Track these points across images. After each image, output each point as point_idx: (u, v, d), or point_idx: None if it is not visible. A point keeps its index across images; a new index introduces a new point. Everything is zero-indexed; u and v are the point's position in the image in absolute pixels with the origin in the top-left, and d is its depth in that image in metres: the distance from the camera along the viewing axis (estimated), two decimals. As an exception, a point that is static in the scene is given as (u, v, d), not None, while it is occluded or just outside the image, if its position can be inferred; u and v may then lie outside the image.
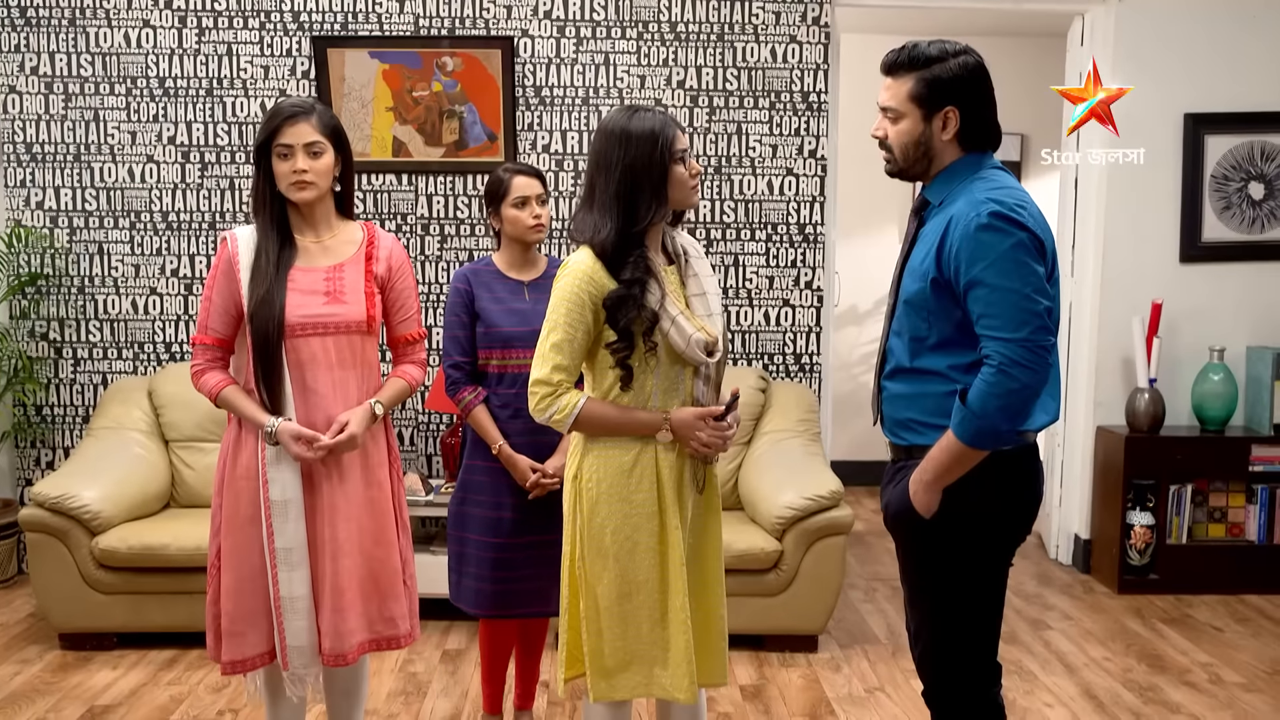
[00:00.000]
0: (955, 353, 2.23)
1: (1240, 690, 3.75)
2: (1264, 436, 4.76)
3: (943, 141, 2.29)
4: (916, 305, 2.26)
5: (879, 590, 4.84)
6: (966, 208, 2.19)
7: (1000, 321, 2.11)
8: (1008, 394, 2.10)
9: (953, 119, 2.26)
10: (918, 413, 2.28)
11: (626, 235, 2.37)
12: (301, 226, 2.63)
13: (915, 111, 2.27)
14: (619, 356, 2.38)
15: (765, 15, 4.75)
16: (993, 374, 2.11)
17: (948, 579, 2.30)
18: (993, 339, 2.12)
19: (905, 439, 2.32)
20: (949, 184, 2.30)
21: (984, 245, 2.13)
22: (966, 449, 2.17)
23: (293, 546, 2.54)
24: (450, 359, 3.07)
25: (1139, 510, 4.73)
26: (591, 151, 2.43)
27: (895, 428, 2.35)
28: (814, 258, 4.87)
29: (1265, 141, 4.86)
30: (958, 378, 2.22)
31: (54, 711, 3.53)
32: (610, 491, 2.40)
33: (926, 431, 2.26)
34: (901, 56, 2.28)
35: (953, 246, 2.17)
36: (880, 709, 3.60)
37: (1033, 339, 2.11)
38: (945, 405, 2.21)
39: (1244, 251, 4.93)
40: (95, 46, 4.67)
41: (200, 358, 2.61)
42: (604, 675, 2.44)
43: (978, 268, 2.13)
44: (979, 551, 2.28)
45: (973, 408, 2.13)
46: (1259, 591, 4.74)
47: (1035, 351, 2.11)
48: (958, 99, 2.26)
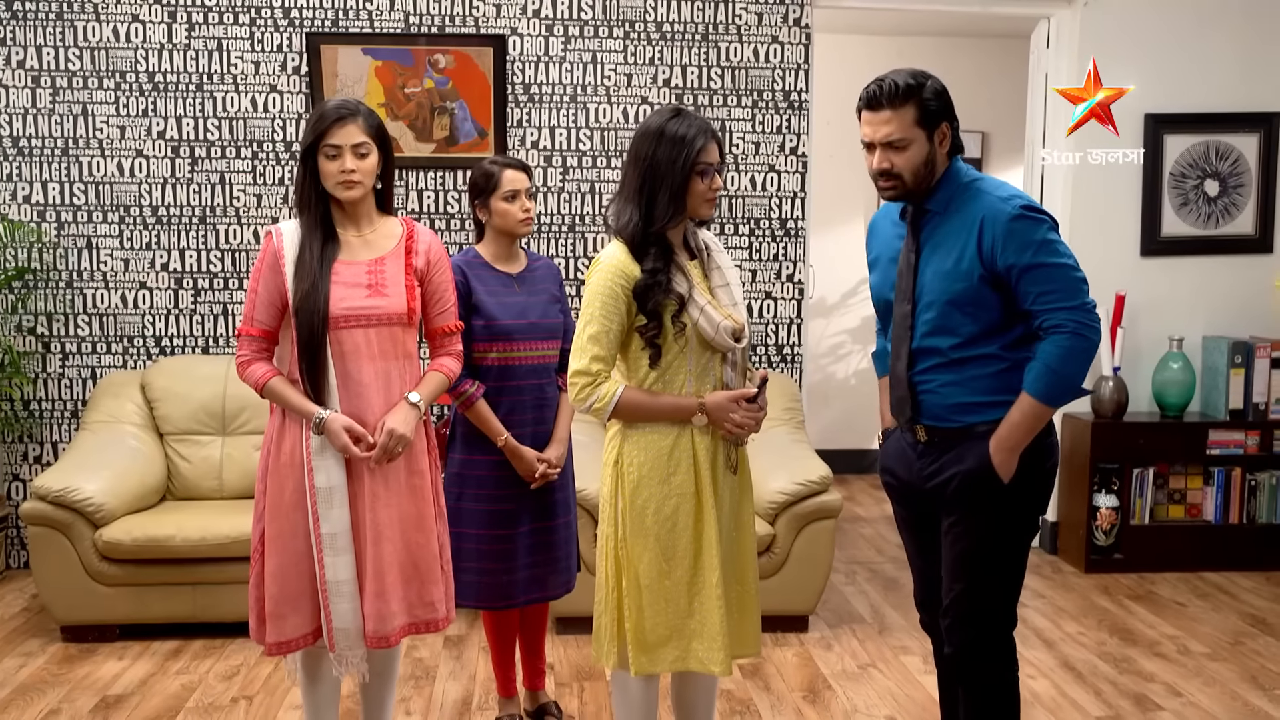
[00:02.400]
0: (1002, 335, 2.49)
1: (1206, 660, 3.98)
2: (1220, 421, 5.02)
3: (942, 156, 2.52)
4: (963, 302, 2.47)
5: (858, 573, 5.02)
6: (995, 208, 2.43)
7: (1061, 294, 2.40)
8: (1082, 352, 2.39)
9: (947, 134, 2.53)
10: (971, 394, 2.51)
11: (649, 230, 2.51)
12: (344, 222, 2.71)
13: (921, 134, 2.48)
14: (649, 336, 2.51)
15: (748, 16, 4.89)
16: (1068, 338, 2.38)
17: (1011, 537, 2.56)
18: (1059, 309, 2.40)
19: (960, 420, 2.53)
20: (945, 192, 2.52)
21: (1025, 234, 2.40)
22: (1044, 409, 2.44)
23: (338, 532, 2.63)
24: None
25: (1104, 493, 4.96)
26: (630, 144, 2.57)
27: (946, 413, 2.54)
28: (794, 251, 5.03)
29: (1220, 141, 5.12)
30: (1008, 355, 2.49)
31: (67, 702, 3.57)
32: (651, 474, 2.53)
33: (984, 410, 2.50)
34: (891, 89, 2.46)
35: (995, 242, 2.41)
36: (874, 684, 3.76)
37: (1087, 302, 2.42)
38: (995, 384, 2.48)
39: (1200, 246, 5.18)
40: (83, 40, 4.67)
41: (246, 349, 2.68)
42: (645, 650, 2.57)
43: (1028, 254, 2.39)
44: (1034, 509, 2.57)
45: (1057, 370, 2.40)
46: (1216, 569, 4.99)
47: (1093, 314, 2.42)
48: (948, 115, 2.52)
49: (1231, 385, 5.01)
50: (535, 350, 3.10)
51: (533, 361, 3.11)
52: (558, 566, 3.19)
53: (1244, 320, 5.17)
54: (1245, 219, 5.19)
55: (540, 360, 3.11)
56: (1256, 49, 5.08)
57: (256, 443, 4.47)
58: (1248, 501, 5.04)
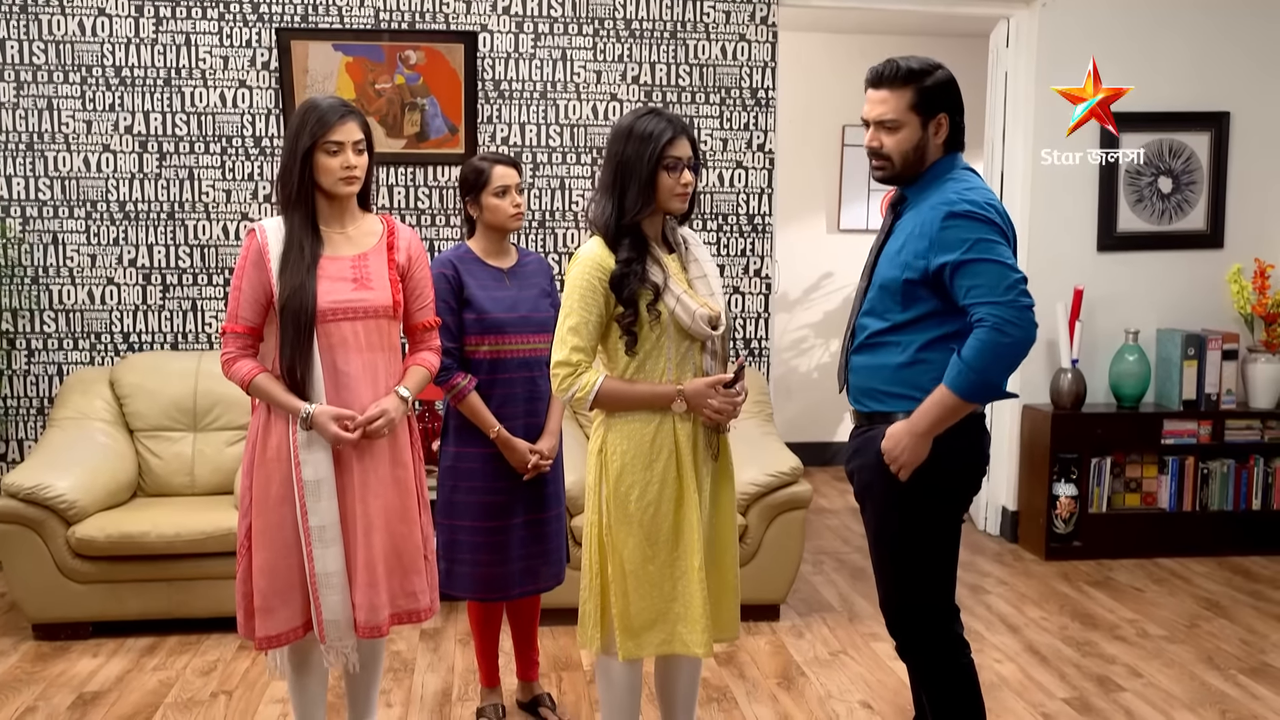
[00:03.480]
0: (919, 331, 2.51)
1: (1165, 642, 4.11)
2: (1174, 412, 5.16)
3: (935, 146, 2.56)
4: (891, 290, 2.52)
5: (826, 562, 5.11)
6: (939, 205, 2.46)
7: (986, 289, 2.38)
8: (1001, 348, 2.36)
9: (944, 125, 2.56)
10: (876, 381, 2.56)
11: (621, 222, 2.59)
12: (328, 219, 2.73)
13: (915, 120, 2.53)
14: (625, 323, 2.58)
15: (716, 14, 4.95)
16: (987, 332, 2.36)
17: (916, 531, 2.56)
18: (982, 304, 2.38)
19: (866, 405, 2.60)
20: (925, 182, 2.57)
21: (957, 233, 2.41)
22: (960, 403, 2.42)
23: (326, 524, 2.65)
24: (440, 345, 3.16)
25: (1063, 482, 5.09)
26: (606, 142, 2.65)
27: (860, 396, 2.62)
28: (762, 246, 5.10)
29: (1174, 139, 5.26)
30: (918, 353, 2.51)
31: (43, 700, 3.55)
32: (634, 461, 2.60)
33: (887, 400, 2.55)
34: (892, 71, 2.52)
35: (929, 239, 2.44)
36: (846, 669, 3.84)
37: (1018, 300, 2.37)
38: (896, 376, 2.51)
39: (1154, 241, 5.33)
40: (48, 34, 4.63)
41: (231, 346, 2.69)
42: (631, 635, 2.63)
43: (956, 253, 2.40)
44: (942, 504, 2.56)
45: (970, 363, 2.38)
46: (1171, 555, 5.15)
47: (1021, 310, 2.36)
48: (948, 106, 2.55)
49: (1185, 377, 5.16)
50: (526, 343, 3.14)
51: (524, 355, 3.15)
52: (550, 559, 3.23)
53: (1197, 313, 5.33)
54: (1197, 215, 5.34)
55: (531, 353, 3.15)
56: (1209, 49, 5.23)
57: (229, 438, 4.46)
58: (1200, 489, 5.20)
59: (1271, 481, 5.21)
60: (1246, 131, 5.30)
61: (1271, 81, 5.30)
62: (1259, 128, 5.31)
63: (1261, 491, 5.21)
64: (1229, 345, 5.16)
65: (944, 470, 2.52)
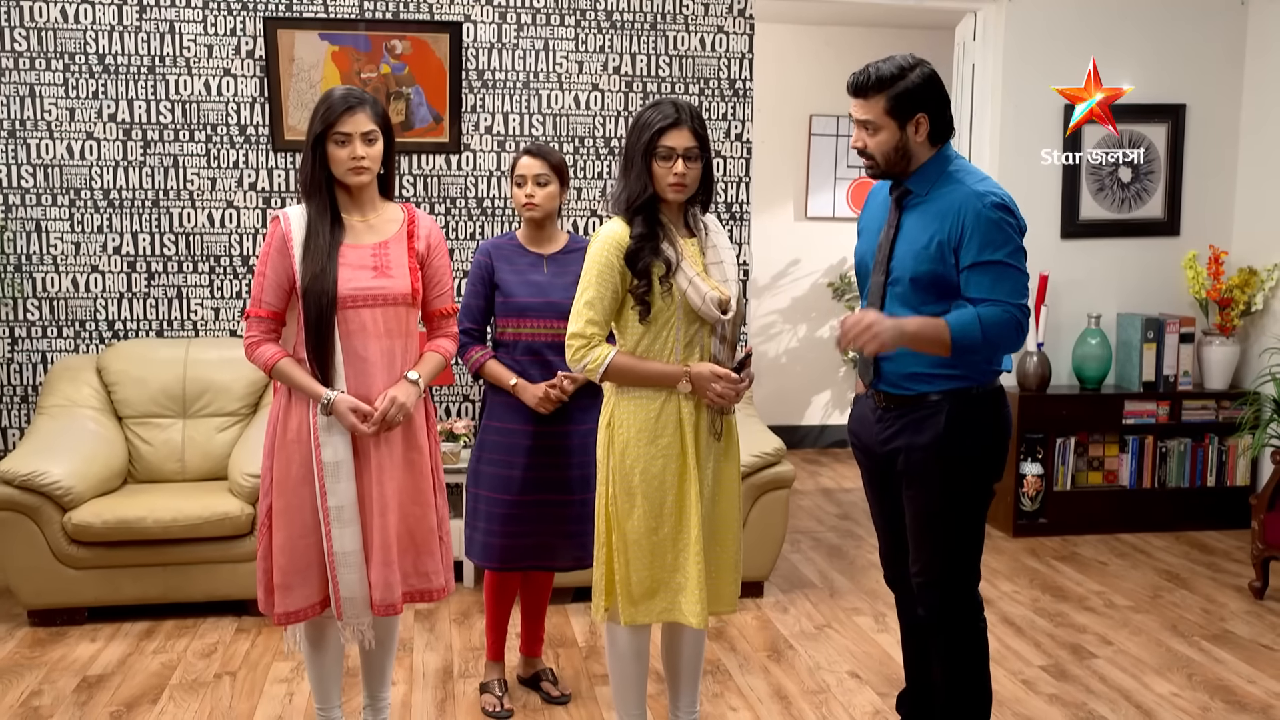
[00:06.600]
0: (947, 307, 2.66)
1: (1131, 612, 4.30)
2: (1134, 393, 5.37)
3: (917, 143, 2.69)
4: (927, 282, 2.65)
5: (802, 541, 5.26)
6: (972, 199, 2.60)
7: (1011, 292, 2.59)
8: (1009, 330, 2.57)
9: (924, 123, 2.68)
10: (923, 365, 2.69)
11: (633, 204, 2.72)
12: (349, 207, 2.80)
13: (891, 123, 2.66)
14: (639, 293, 2.71)
15: (695, 6, 5.05)
16: (1005, 314, 2.56)
17: (966, 505, 2.74)
18: (1006, 303, 2.57)
19: (913, 389, 2.73)
20: (929, 176, 2.70)
21: (997, 232, 2.57)
22: (947, 344, 2.57)
23: (344, 505, 2.73)
24: (461, 325, 3.27)
25: (1031, 461, 5.28)
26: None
27: (901, 381, 2.74)
28: (739, 234, 5.22)
29: (1133, 130, 5.46)
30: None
31: (47, 683, 3.59)
32: (639, 436, 2.73)
33: (935, 380, 2.69)
34: (866, 79, 2.65)
35: (965, 232, 2.58)
36: (831, 642, 3.99)
37: (1028, 309, 2.63)
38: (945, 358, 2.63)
39: (1115, 229, 5.53)
40: (30, 21, 4.62)
41: (254, 330, 2.76)
42: (632, 602, 2.77)
43: (990, 250, 2.57)
44: (988, 477, 2.76)
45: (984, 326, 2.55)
46: (1132, 530, 5.36)
47: (1027, 319, 2.63)
48: (925, 106, 2.67)
49: (1144, 359, 5.37)
50: (549, 328, 3.24)
51: (546, 339, 3.25)
52: (570, 541, 3.31)
53: (1155, 298, 5.54)
54: (1155, 204, 5.55)
55: (554, 338, 3.25)
56: (1166, 43, 5.43)
57: (219, 424, 4.51)
58: (1159, 467, 5.42)
59: (1225, 459, 5.44)
60: (1202, 123, 5.51)
61: (1226, 76, 5.51)
62: (1213, 120, 5.52)
63: (1216, 469, 5.44)
64: (1186, 329, 5.38)
65: (994, 445, 2.72)
